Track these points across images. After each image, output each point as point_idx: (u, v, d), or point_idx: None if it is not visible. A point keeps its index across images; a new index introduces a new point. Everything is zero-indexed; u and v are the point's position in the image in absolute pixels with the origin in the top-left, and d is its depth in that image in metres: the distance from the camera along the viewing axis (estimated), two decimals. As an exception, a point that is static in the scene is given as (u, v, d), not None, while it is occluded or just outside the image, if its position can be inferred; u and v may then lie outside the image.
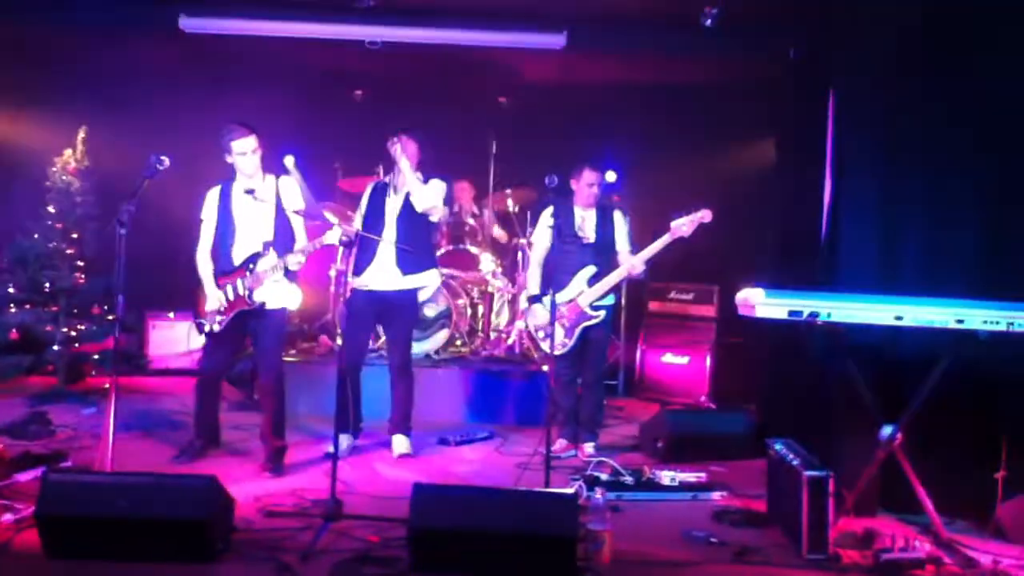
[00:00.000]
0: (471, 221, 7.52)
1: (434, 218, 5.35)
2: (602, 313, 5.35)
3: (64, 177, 6.85)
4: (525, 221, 7.60)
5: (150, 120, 7.07)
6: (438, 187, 5.23)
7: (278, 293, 4.85)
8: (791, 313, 3.87)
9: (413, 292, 5.33)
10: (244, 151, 4.77)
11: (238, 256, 4.85)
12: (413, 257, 5.19)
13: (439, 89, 7.68)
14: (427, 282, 5.38)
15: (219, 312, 4.85)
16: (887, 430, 4.01)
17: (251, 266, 4.78)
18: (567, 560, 3.44)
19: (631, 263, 5.29)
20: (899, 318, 3.79)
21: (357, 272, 5.23)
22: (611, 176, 7.76)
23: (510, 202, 7.75)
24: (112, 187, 6.87)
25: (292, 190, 4.92)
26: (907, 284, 4.27)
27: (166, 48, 6.84)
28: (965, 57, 4.42)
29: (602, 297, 5.34)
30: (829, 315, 3.84)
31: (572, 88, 7.64)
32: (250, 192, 4.85)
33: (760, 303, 3.91)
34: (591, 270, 5.35)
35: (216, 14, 6.46)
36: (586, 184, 5.39)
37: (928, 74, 4.51)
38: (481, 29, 6.54)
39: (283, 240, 4.80)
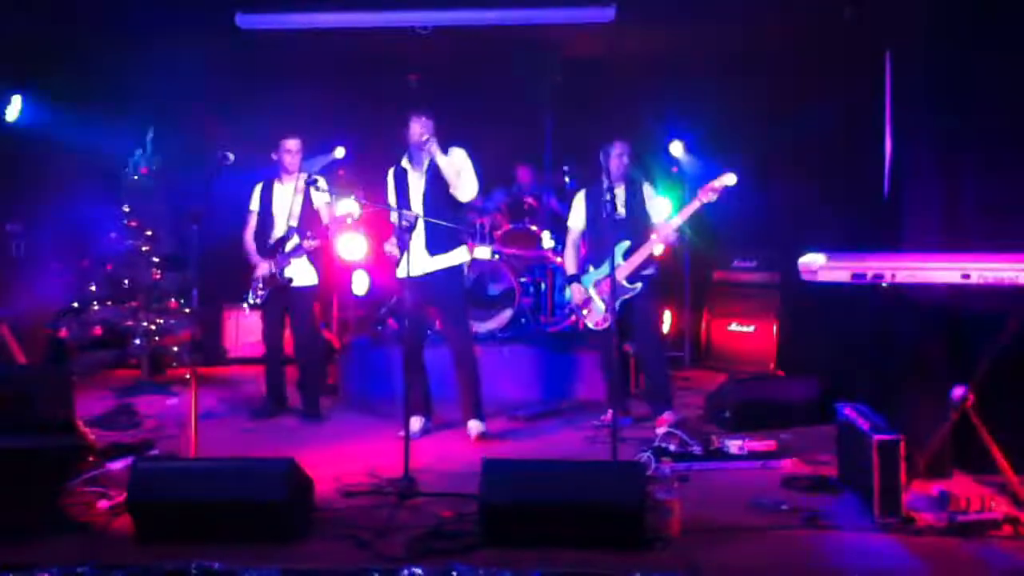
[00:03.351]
0: (530, 200, 7.56)
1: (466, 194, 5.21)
2: (639, 285, 5.42)
3: (136, 177, 7.10)
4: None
5: (215, 117, 7.26)
6: (467, 163, 5.15)
7: (305, 272, 5.72)
8: (855, 276, 3.82)
9: (448, 272, 5.27)
10: (291, 150, 5.73)
11: (273, 239, 5.73)
12: (441, 235, 5.19)
13: (492, 69, 7.70)
14: (456, 259, 5.31)
15: (260, 287, 5.70)
16: (958, 390, 3.95)
17: (281, 248, 5.67)
18: (635, 529, 3.49)
19: (662, 232, 5.38)
20: (966, 276, 3.71)
21: (398, 262, 5.32)
22: (677, 148, 7.74)
23: (567, 179, 7.77)
24: (182, 184, 7.11)
25: (320, 184, 5.40)
26: (972, 242, 4.18)
27: (225, 45, 7.00)
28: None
29: (640, 269, 5.41)
30: (894, 276, 3.78)
31: (626, 60, 7.58)
32: (312, 183, 5.32)
33: (823, 267, 3.88)
34: (625, 244, 5.43)
35: (271, 9, 6.59)
36: (616, 155, 5.48)
37: (985, 29, 4.39)
38: (529, 7, 6.54)
39: (307, 226, 5.65)
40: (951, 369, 4.03)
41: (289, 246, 5.66)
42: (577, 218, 5.71)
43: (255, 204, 5.85)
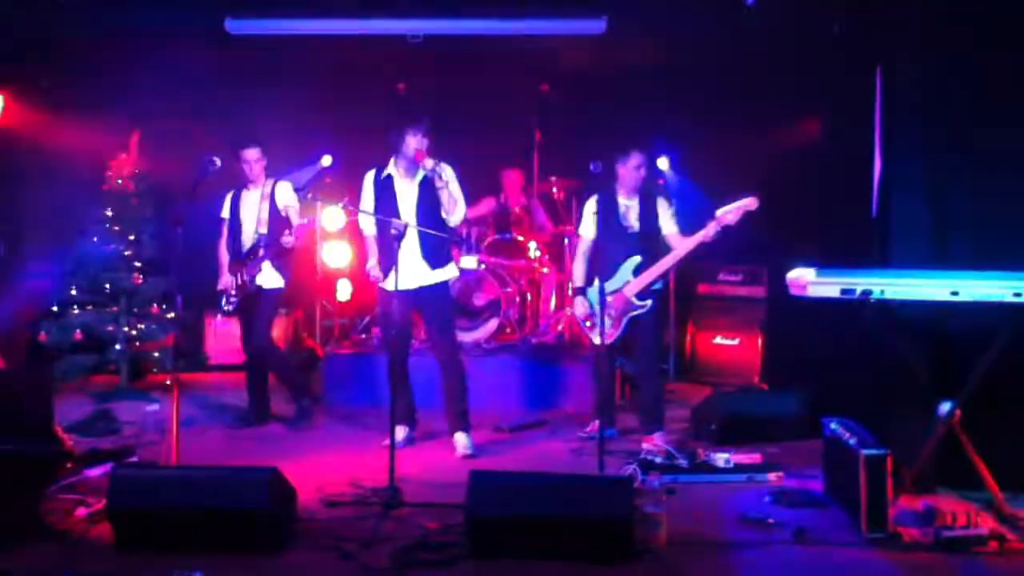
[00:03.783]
0: (518, 210, 7.55)
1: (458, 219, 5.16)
2: (648, 302, 5.27)
3: (120, 180, 7.03)
4: (570, 209, 7.60)
5: (201, 122, 7.21)
6: (457, 187, 5.07)
7: (272, 275, 5.74)
8: (844, 291, 3.84)
9: (442, 285, 5.21)
10: (249, 160, 5.70)
11: (244, 247, 5.78)
12: (439, 248, 5.13)
13: (482, 79, 7.70)
14: (452, 273, 5.27)
15: (230, 294, 5.76)
16: (945, 406, 3.97)
17: (249, 256, 5.72)
18: (623, 542, 3.48)
19: (679, 251, 5.21)
20: (955, 293, 3.74)
21: (385, 272, 5.12)
22: (663, 163, 7.74)
23: (555, 189, 7.76)
24: (167, 189, 7.05)
25: (287, 191, 5.80)
26: (961, 259, 4.20)
27: (213, 50, 6.96)
28: (1015, 25, 4.33)
29: (649, 285, 5.28)
30: (883, 292, 3.80)
31: (615, 72, 7.60)
32: (301, 190, 5.57)
33: (812, 282, 3.89)
34: (636, 260, 5.29)
35: (261, 15, 6.56)
36: (633, 167, 5.33)
37: (977, 46, 4.42)
38: (520, 18, 6.54)
39: (275, 234, 5.63)
40: (938, 385, 4.03)
41: (256, 254, 5.69)
42: (588, 227, 5.50)
43: (225, 212, 5.87)
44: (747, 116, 7.21)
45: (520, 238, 7.32)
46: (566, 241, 7.45)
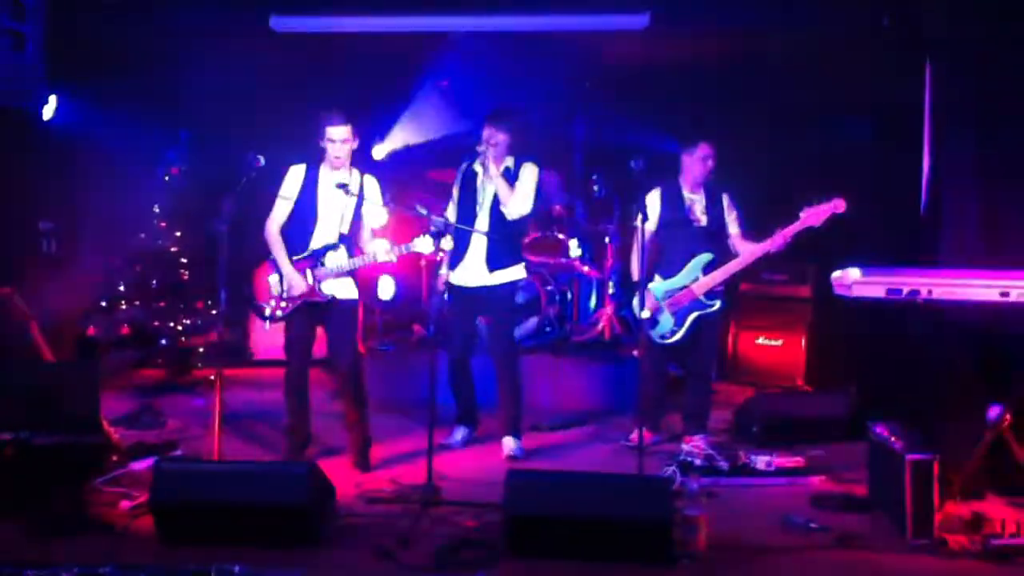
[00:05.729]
0: (558, 207, 7.50)
1: (512, 212, 5.00)
2: (717, 303, 5.10)
3: (167, 177, 7.15)
4: (612, 206, 7.54)
5: (247, 119, 7.29)
6: (528, 184, 4.99)
7: (347, 284, 4.82)
8: (890, 291, 3.77)
9: (504, 287, 5.12)
10: (335, 139, 4.72)
11: (315, 243, 4.80)
12: (502, 250, 5.05)
13: (523, 75, 7.68)
14: (515, 276, 5.16)
15: (283, 299, 4.78)
16: (995, 410, 3.86)
17: (322, 258, 4.76)
18: (662, 544, 3.44)
19: (762, 250, 5.01)
20: (1005, 294, 3.65)
21: (451, 267, 5.05)
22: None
23: (596, 187, 7.70)
24: (212, 186, 7.14)
25: (375, 188, 4.90)
26: (1012, 258, 4.09)
27: (259, 47, 7.04)
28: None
29: (718, 284, 5.09)
30: (930, 292, 3.71)
31: (657, 68, 7.53)
32: (343, 187, 4.71)
33: (857, 282, 3.82)
34: (707, 257, 5.09)
35: (306, 13, 6.62)
36: (700, 158, 5.13)
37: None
38: (562, 13, 6.51)
39: (355, 237, 4.82)
40: (987, 388, 3.93)
41: (334, 259, 4.75)
42: (650, 219, 5.04)
43: (290, 191, 4.84)
44: (793, 112, 7.10)
45: (561, 236, 7.28)
46: (607, 239, 7.40)
